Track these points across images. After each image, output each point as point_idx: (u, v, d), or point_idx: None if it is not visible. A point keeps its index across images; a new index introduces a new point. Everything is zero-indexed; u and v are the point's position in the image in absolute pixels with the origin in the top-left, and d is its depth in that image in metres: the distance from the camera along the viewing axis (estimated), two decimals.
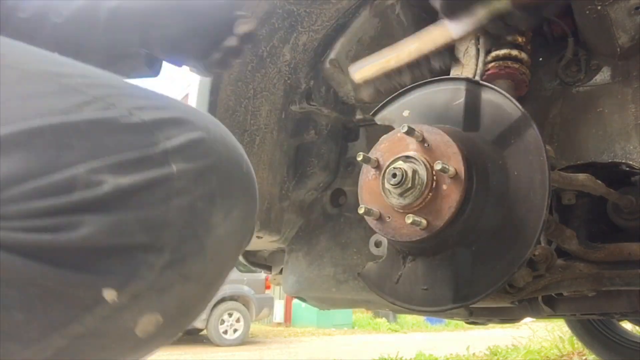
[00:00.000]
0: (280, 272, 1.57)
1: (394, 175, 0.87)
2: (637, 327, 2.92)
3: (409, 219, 0.85)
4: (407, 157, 0.89)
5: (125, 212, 0.42)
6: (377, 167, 0.93)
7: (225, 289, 8.26)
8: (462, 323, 2.07)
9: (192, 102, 1.32)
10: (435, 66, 0.92)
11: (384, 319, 12.57)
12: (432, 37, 0.89)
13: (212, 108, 1.28)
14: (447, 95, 0.97)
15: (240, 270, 8.32)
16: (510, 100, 0.92)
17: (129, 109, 0.46)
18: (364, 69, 0.95)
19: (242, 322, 8.33)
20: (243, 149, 0.54)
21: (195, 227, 0.45)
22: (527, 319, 2.01)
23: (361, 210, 0.92)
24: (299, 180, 1.44)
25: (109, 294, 0.42)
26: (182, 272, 0.45)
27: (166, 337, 0.50)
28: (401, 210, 0.89)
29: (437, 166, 0.84)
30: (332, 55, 1.37)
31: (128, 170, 0.43)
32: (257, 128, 1.36)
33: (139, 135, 0.45)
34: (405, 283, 0.97)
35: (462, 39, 0.87)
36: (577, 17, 1.09)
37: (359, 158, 0.93)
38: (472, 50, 1.11)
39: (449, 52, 0.92)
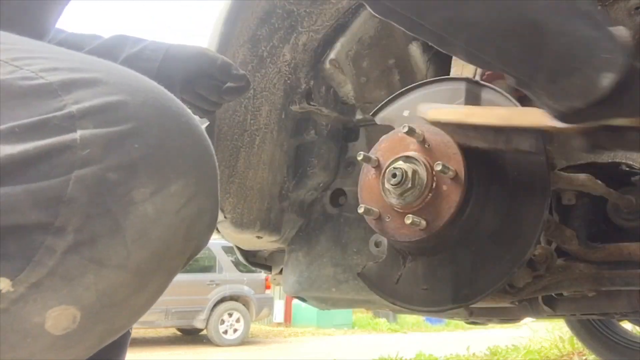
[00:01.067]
0: (280, 272, 1.57)
1: (394, 175, 0.87)
2: (637, 327, 2.92)
3: (409, 219, 0.85)
4: (408, 157, 0.89)
5: (15, 186, 0.36)
6: (377, 166, 0.93)
7: (225, 289, 8.28)
8: (462, 323, 2.08)
9: None
10: (518, 145, 0.82)
11: (384, 319, 12.57)
12: (530, 116, 0.80)
13: None
14: (447, 95, 0.97)
15: (240, 270, 8.34)
16: (510, 100, 0.92)
17: (35, 71, 0.40)
18: (439, 111, 0.89)
19: (242, 322, 8.34)
20: (203, 128, 0.46)
21: (108, 204, 0.38)
22: (527, 319, 2.01)
23: (361, 210, 0.92)
24: (299, 180, 1.44)
25: (2, 283, 0.36)
26: (92, 256, 0.38)
27: (97, 335, 0.43)
28: (401, 210, 0.89)
29: (437, 167, 0.84)
30: (332, 55, 1.37)
31: (22, 138, 0.37)
32: (257, 128, 1.36)
33: (41, 98, 0.39)
34: (405, 283, 0.97)
35: (563, 131, 0.74)
36: None
37: (359, 158, 0.93)
38: None
39: (539, 137, 0.81)
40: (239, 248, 1.57)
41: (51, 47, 0.45)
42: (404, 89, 1.03)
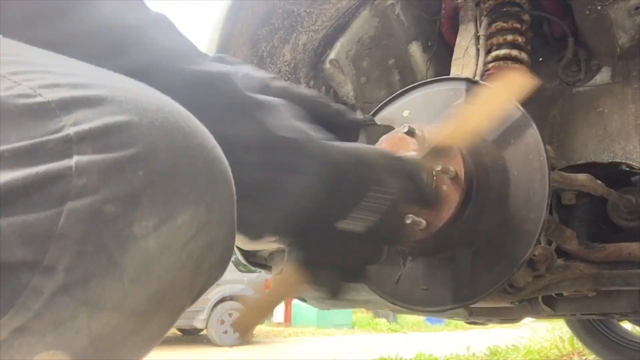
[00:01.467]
0: (281, 272, 1.57)
1: None
2: (637, 327, 2.93)
3: (409, 219, 0.85)
4: None
5: (0, 219, 0.32)
6: None
7: (225, 289, 8.28)
8: (462, 323, 2.08)
9: None
10: None
11: (384, 319, 12.57)
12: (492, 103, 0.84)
13: None
14: (447, 95, 0.97)
15: (240, 270, 8.34)
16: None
17: (34, 87, 0.35)
18: None
19: None
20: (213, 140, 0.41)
21: (104, 239, 0.34)
22: (527, 319, 2.01)
23: None
24: None
25: None
26: (85, 298, 0.34)
27: None
28: None
29: (437, 167, 0.84)
30: (332, 55, 1.37)
31: (11, 164, 0.33)
32: None
33: (37, 119, 0.34)
34: (405, 283, 0.97)
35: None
36: (577, 17, 1.09)
37: None
38: (472, 50, 1.11)
39: None
40: (239, 248, 1.57)
41: (57, 57, 0.41)
42: (404, 89, 1.03)
